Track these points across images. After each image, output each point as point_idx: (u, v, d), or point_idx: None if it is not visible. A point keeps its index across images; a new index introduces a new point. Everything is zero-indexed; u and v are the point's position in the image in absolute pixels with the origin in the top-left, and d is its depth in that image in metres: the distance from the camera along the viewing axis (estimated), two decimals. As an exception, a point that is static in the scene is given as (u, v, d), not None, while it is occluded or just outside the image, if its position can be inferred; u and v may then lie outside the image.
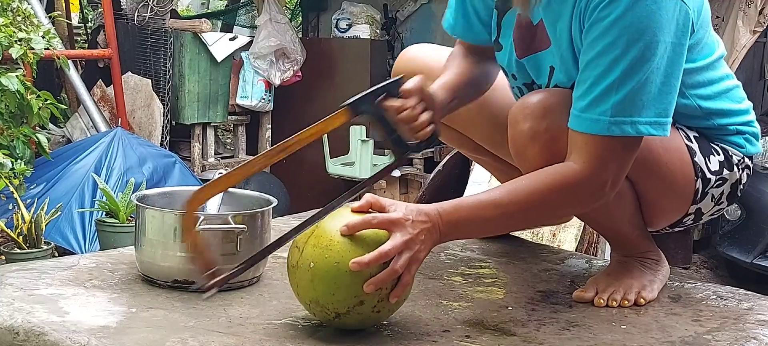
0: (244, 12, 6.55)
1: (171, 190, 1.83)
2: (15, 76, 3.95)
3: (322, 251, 1.32)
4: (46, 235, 4.04)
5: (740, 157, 1.66)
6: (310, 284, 1.34)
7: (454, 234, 1.46)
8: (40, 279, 1.58)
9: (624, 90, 1.40)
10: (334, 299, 1.32)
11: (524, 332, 1.45)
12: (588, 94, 1.44)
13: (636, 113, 1.41)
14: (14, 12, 4.44)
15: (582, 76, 1.46)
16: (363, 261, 1.30)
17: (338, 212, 1.39)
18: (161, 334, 1.33)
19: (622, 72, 1.40)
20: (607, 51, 1.41)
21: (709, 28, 1.59)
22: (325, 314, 1.36)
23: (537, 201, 1.45)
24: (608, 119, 1.42)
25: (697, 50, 1.56)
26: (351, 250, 1.32)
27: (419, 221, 1.36)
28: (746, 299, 1.66)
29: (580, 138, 1.45)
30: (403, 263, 1.32)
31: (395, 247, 1.32)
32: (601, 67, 1.42)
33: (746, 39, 4.43)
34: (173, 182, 4.76)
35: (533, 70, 1.63)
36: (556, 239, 3.33)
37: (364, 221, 1.34)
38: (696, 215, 1.68)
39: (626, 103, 1.41)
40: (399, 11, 6.66)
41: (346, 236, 1.32)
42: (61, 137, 5.67)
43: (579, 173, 1.44)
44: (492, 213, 1.44)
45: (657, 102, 1.42)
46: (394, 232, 1.34)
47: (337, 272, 1.31)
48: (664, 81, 1.42)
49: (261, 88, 5.78)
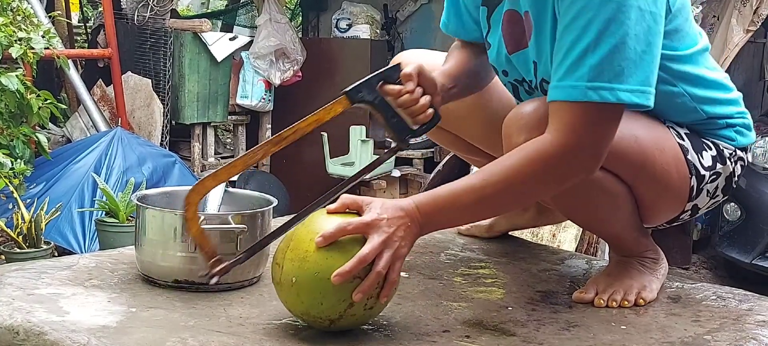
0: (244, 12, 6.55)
1: (171, 190, 1.83)
2: (15, 75, 3.96)
3: (301, 264, 1.32)
4: (46, 234, 4.04)
5: (732, 150, 1.66)
6: (297, 299, 1.34)
7: (434, 224, 1.43)
8: (39, 279, 1.58)
9: (600, 52, 1.37)
10: (323, 308, 1.32)
11: (524, 333, 1.45)
12: (564, 61, 1.41)
13: (616, 80, 1.37)
14: (14, 11, 4.44)
15: (558, 46, 1.44)
16: (344, 271, 1.29)
17: (312, 217, 1.39)
18: (161, 334, 1.33)
19: (596, 33, 1.37)
20: (580, 14, 1.39)
21: (689, 19, 1.58)
22: (319, 323, 1.36)
23: (513, 179, 1.41)
24: (585, 84, 1.38)
25: (678, 38, 1.55)
26: (328, 257, 1.31)
27: (396, 217, 1.35)
28: (746, 299, 1.66)
29: (557, 107, 1.41)
30: (384, 264, 1.32)
31: (373, 249, 1.31)
32: (575, 32, 1.40)
33: (739, 38, 4.43)
34: (173, 181, 4.77)
35: (522, 66, 1.63)
36: (555, 239, 3.33)
37: (339, 228, 1.32)
38: (692, 211, 1.68)
39: (604, 67, 1.37)
40: (399, 11, 6.67)
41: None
42: (60, 137, 5.67)
43: (554, 143, 1.40)
44: (470, 198, 1.42)
45: (637, 70, 1.38)
46: (370, 234, 1.32)
47: (318, 282, 1.30)
48: (645, 50, 1.39)
49: (261, 88, 5.78)
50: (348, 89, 1.49)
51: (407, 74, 1.52)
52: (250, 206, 1.68)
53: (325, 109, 1.45)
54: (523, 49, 1.61)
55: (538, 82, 1.60)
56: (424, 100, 1.53)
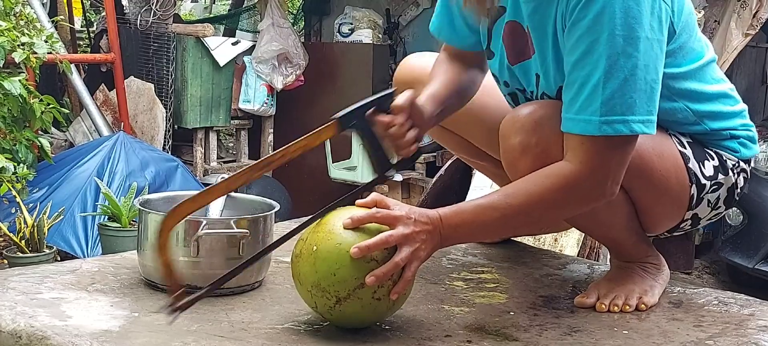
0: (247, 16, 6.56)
1: (173, 194, 1.83)
2: (18, 80, 3.96)
3: (326, 235, 1.37)
4: (49, 239, 4.04)
5: (735, 162, 1.66)
6: (312, 268, 1.36)
7: (455, 238, 1.46)
8: (42, 283, 1.58)
9: (610, 86, 1.40)
10: (335, 279, 1.34)
11: (526, 338, 1.45)
12: (578, 96, 1.44)
13: (628, 112, 1.41)
14: (17, 16, 4.45)
15: (569, 79, 1.46)
16: (365, 245, 1.33)
17: (342, 210, 1.42)
18: (163, 338, 1.34)
19: (606, 68, 1.40)
20: (590, 50, 1.41)
21: (694, 33, 1.59)
22: (325, 300, 1.36)
23: (536, 202, 1.45)
24: (598, 119, 1.41)
25: (681, 55, 1.56)
26: (354, 235, 1.36)
27: (421, 221, 1.39)
28: (748, 304, 1.66)
29: (575, 139, 1.45)
30: (404, 257, 1.35)
31: (396, 236, 1.36)
32: (586, 67, 1.42)
33: (738, 41, 4.44)
34: (175, 186, 4.77)
35: (523, 78, 1.64)
36: (557, 243, 3.33)
37: (369, 214, 1.38)
38: (693, 221, 1.68)
39: (615, 101, 1.40)
40: (401, 16, 6.67)
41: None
42: (63, 141, 5.67)
43: (576, 173, 1.44)
44: (492, 216, 1.45)
45: (647, 99, 1.42)
46: (397, 226, 1.37)
47: (338, 253, 1.35)
48: (654, 79, 1.43)
49: (263, 93, 5.78)
50: (339, 115, 1.48)
51: (399, 106, 1.51)
52: (253, 211, 1.69)
53: (314, 134, 1.44)
54: (525, 59, 1.61)
55: (538, 94, 1.61)
56: (411, 135, 1.53)
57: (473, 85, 1.76)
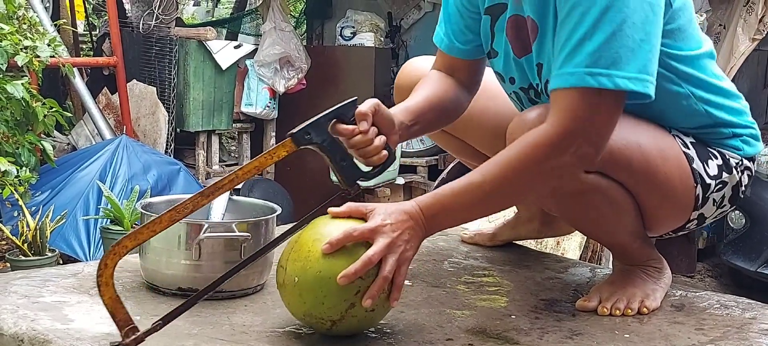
0: (249, 20, 6.56)
1: (176, 197, 1.83)
2: (20, 83, 3.97)
3: (304, 264, 1.33)
4: (51, 242, 4.05)
5: (738, 160, 1.66)
6: (299, 299, 1.35)
7: (438, 225, 1.43)
8: (44, 286, 1.59)
9: (597, 39, 1.37)
10: (325, 307, 1.33)
11: (527, 341, 1.45)
12: (563, 49, 1.41)
13: (613, 66, 1.37)
14: (20, 20, 4.45)
15: (557, 36, 1.45)
16: (350, 272, 1.30)
17: (316, 222, 1.39)
18: (165, 342, 1.34)
19: (593, 20, 1.38)
20: (578, 3, 1.39)
21: (692, 22, 1.59)
22: (321, 325, 1.36)
23: (511, 170, 1.40)
24: (582, 70, 1.38)
25: (682, 38, 1.55)
26: (331, 258, 1.32)
27: (400, 221, 1.36)
28: (750, 308, 1.65)
29: (556, 94, 1.41)
30: (390, 268, 1.33)
31: (379, 251, 1.32)
32: (573, 21, 1.40)
33: (745, 46, 4.44)
34: (178, 189, 4.77)
35: (529, 70, 1.63)
36: (560, 247, 3.33)
37: (345, 235, 1.33)
38: (699, 220, 1.68)
39: (601, 53, 1.37)
40: (403, 19, 6.68)
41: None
42: (66, 145, 5.68)
43: (550, 129, 1.39)
44: (472, 195, 1.42)
45: (635, 57, 1.38)
46: (375, 239, 1.33)
47: (321, 281, 1.32)
48: (643, 38, 1.39)
49: (265, 96, 5.79)
50: (294, 131, 1.41)
51: (362, 113, 1.47)
52: (254, 214, 1.69)
53: (267, 153, 1.40)
54: (530, 53, 1.61)
55: (542, 85, 1.61)
56: (378, 142, 1.49)
57: (458, 106, 1.74)
